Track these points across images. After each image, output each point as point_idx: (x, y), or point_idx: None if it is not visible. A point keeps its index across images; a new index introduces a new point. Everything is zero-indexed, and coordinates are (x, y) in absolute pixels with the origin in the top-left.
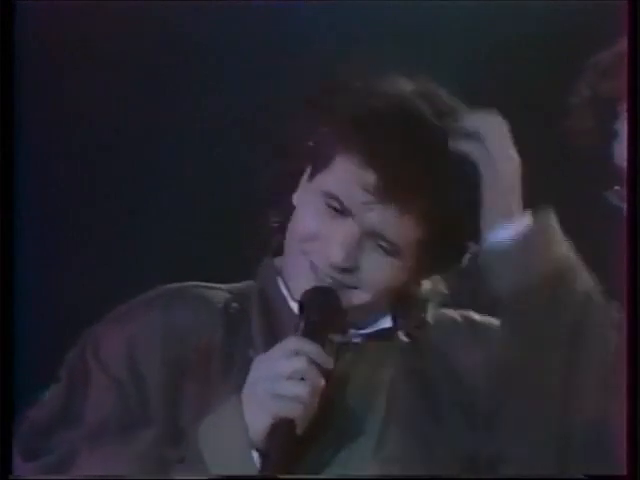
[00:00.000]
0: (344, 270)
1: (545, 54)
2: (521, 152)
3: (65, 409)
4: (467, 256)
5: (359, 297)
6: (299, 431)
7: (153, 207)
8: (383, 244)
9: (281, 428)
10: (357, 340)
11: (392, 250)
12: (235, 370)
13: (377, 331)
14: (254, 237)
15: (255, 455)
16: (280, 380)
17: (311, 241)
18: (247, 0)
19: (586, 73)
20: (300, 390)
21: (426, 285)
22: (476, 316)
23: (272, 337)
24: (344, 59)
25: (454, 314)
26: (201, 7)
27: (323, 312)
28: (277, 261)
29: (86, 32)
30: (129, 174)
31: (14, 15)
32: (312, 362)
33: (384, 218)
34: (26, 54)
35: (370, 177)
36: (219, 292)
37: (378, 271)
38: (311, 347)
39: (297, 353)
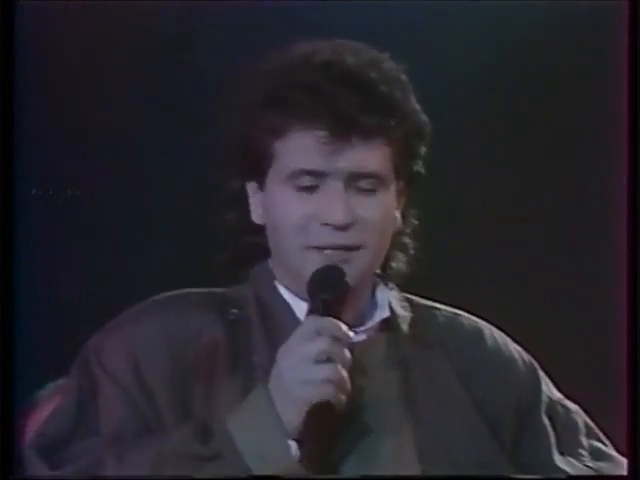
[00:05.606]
0: (347, 227)
1: (545, 54)
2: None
3: (79, 421)
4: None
5: (363, 259)
6: (339, 410)
7: (154, 206)
8: (366, 182)
9: (319, 413)
10: (358, 339)
11: (376, 183)
12: (241, 373)
13: (376, 325)
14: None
15: (293, 445)
16: (307, 364)
17: (305, 227)
18: (248, 0)
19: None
20: (328, 372)
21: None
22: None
23: (276, 343)
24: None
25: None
26: (201, 7)
27: (333, 289)
28: (270, 263)
29: (86, 32)
30: (129, 174)
31: (14, 15)
32: (335, 339)
33: (353, 155)
34: (26, 54)
35: (322, 130)
36: (214, 297)
37: (371, 211)
38: (330, 324)
39: (318, 333)
